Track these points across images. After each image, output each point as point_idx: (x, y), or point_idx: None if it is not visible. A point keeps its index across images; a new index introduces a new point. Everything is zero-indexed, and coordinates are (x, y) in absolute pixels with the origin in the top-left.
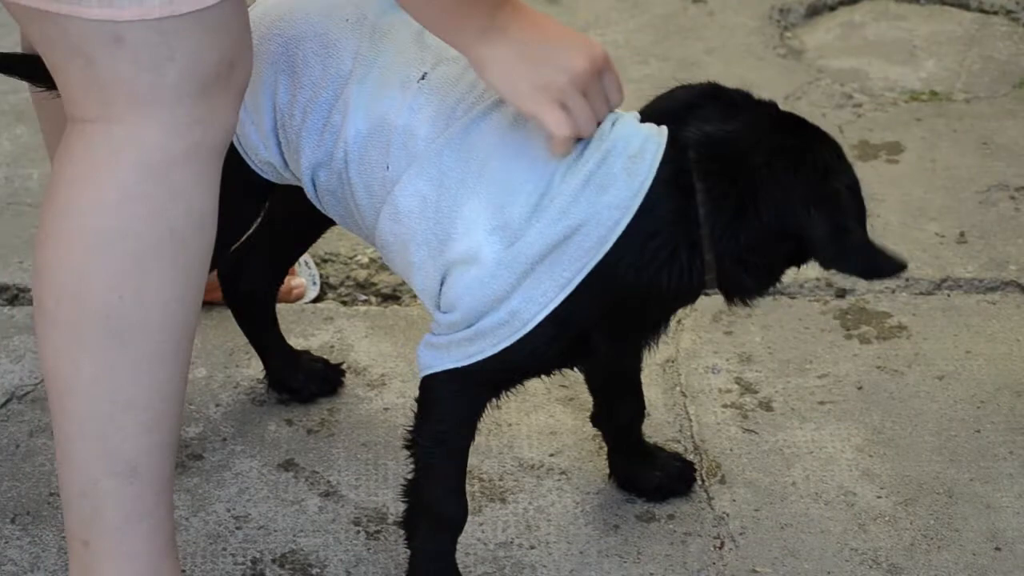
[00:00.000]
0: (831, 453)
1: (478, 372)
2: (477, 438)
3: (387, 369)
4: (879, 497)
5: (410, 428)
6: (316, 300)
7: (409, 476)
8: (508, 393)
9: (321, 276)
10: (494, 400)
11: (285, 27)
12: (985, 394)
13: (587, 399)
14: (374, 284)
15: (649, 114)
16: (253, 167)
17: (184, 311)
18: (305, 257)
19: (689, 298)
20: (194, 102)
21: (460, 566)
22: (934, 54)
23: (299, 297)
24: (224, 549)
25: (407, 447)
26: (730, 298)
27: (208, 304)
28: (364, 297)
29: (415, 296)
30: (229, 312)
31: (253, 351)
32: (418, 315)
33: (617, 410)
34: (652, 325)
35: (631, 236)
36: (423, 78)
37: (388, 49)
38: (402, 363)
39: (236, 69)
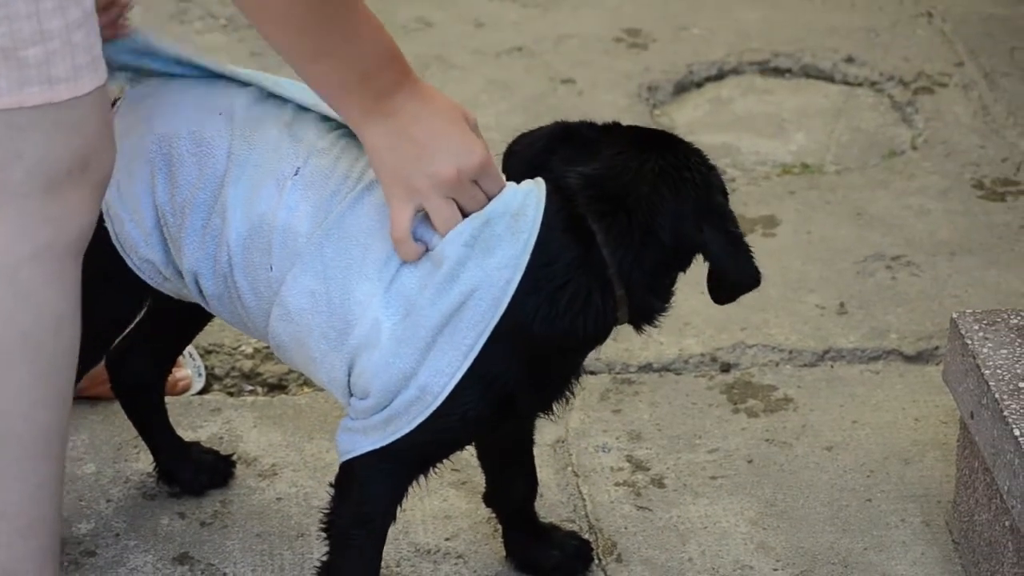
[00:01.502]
0: (725, 528)
1: (404, 450)
2: None
3: (277, 459)
4: (775, 570)
5: (327, 511)
6: (202, 391)
7: (323, 559)
8: (436, 468)
9: (206, 367)
10: (424, 477)
11: (158, 123)
12: (874, 463)
13: (480, 482)
14: (260, 374)
15: (507, 166)
16: (131, 266)
17: (50, 414)
18: (189, 349)
19: (603, 338)
20: (44, 200)
21: None
22: (803, 127)
23: (185, 389)
24: None
25: (323, 529)
26: (638, 326)
27: (95, 399)
28: (250, 387)
29: (302, 385)
30: (116, 406)
31: (142, 445)
32: (306, 404)
33: (510, 488)
34: (570, 372)
35: (539, 291)
36: (296, 173)
37: (260, 145)
38: (292, 452)
39: (92, 166)
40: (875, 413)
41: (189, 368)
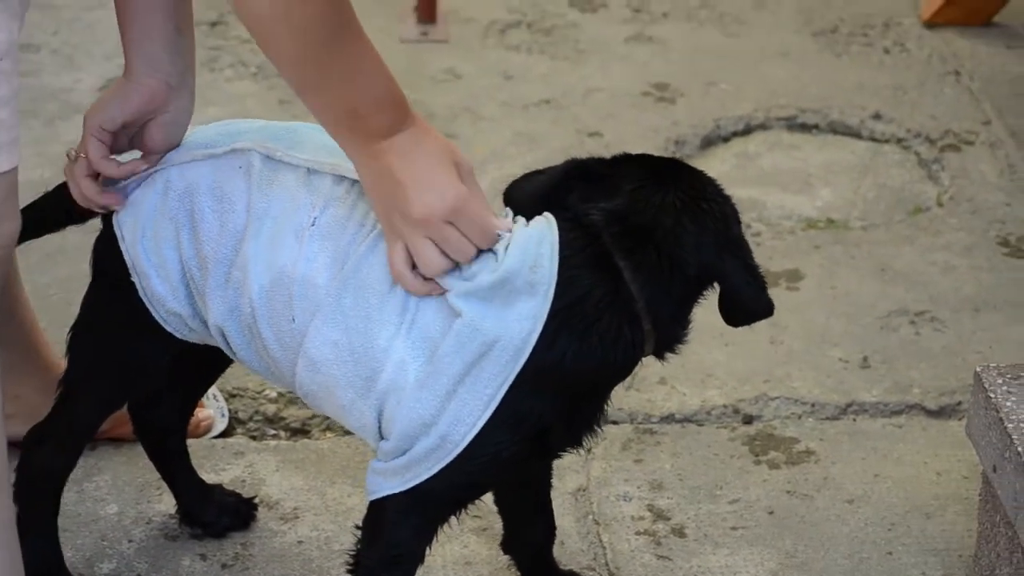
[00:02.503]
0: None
1: (436, 492)
2: None
3: (299, 503)
4: None
5: (354, 551)
6: (224, 433)
7: None
8: (467, 510)
9: (230, 410)
10: (452, 518)
11: (177, 180)
12: (895, 516)
13: (500, 528)
14: (283, 418)
15: (515, 203)
16: (158, 318)
17: None
18: (213, 390)
19: (631, 369)
20: None
21: None
22: (829, 183)
23: (207, 430)
24: None
25: (350, 571)
26: (661, 355)
27: (118, 440)
28: (273, 431)
29: (325, 430)
30: (139, 448)
31: (164, 486)
32: (328, 448)
33: (528, 534)
34: (598, 405)
35: (570, 330)
36: (313, 224)
37: (279, 197)
38: (314, 496)
39: None
40: (897, 467)
41: (212, 409)
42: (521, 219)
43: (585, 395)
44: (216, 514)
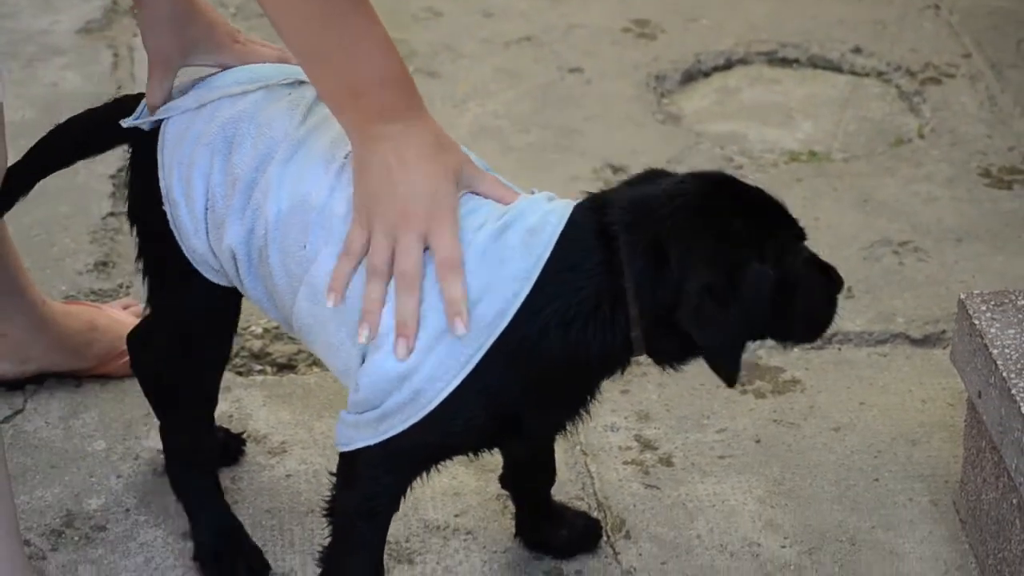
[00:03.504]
0: (733, 505)
1: (407, 448)
2: None
3: (287, 436)
4: (783, 547)
5: (328, 498)
6: None
7: (325, 542)
8: (438, 467)
9: None
10: (424, 474)
11: (227, 108)
12: (881, 444)
13: (489, 460)
14: (269, 354)
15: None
16: (185, 251)
17: None
18: None
19: (616, 362)
20: None
21: None
22: (810, 116)
23: None
24: None
25: (326, 515)
26: (659, 361)
27: (104, 377)
28: (260, 367)
29: (311, 365)
30: (127, 385)
31: (152, 422)
32: (315, 383)
33: (528, 476)
34: (582, 395)
35: (550, 302)
36: (346, 157)
37: (319, 129)
38: (301, 430)
39: None
40: (882, 395)
41: None
42: (539, 193)
43: (564, 382)
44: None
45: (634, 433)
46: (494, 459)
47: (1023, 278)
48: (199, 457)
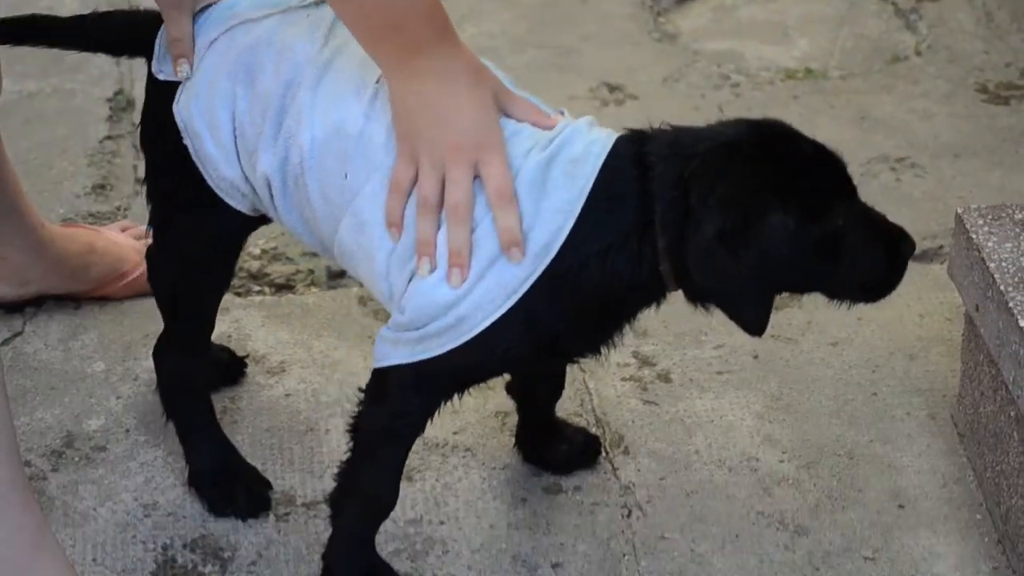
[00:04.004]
0: (732, 421)
1: (439, 371)
2: None
3: (285, 356)
4: (781, 461)
5: (355, 414)
6: None
7: (345, 456)
8: (471, 390)
9: None
10: (456, 396)
11: (241, 34)
12: (879, 358)
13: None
14: (267, 275)
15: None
16: (210, 183)
17: None
18: None
19: (649, 295)
20: None
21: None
22: (807, 34)
23: None
24: (134, 537)
25: (350, 431)
26: (691, 299)
27: (103, 299)
28: (258, 287)
29: (309, 284)
30: (125, 306)
31: (150, 344)
32: (313, 303)
33: (537, 388)
34: (615, 327)
35: (596, 233)
36: (378, 82)
37: (344, 52)
38: (300, 350)
39: None
40: (880, 310)
41: None
42: (581, 119)
43: (602, 310)
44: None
45: (632, 350)
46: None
47: (1020, 192)
48: (195, 381)
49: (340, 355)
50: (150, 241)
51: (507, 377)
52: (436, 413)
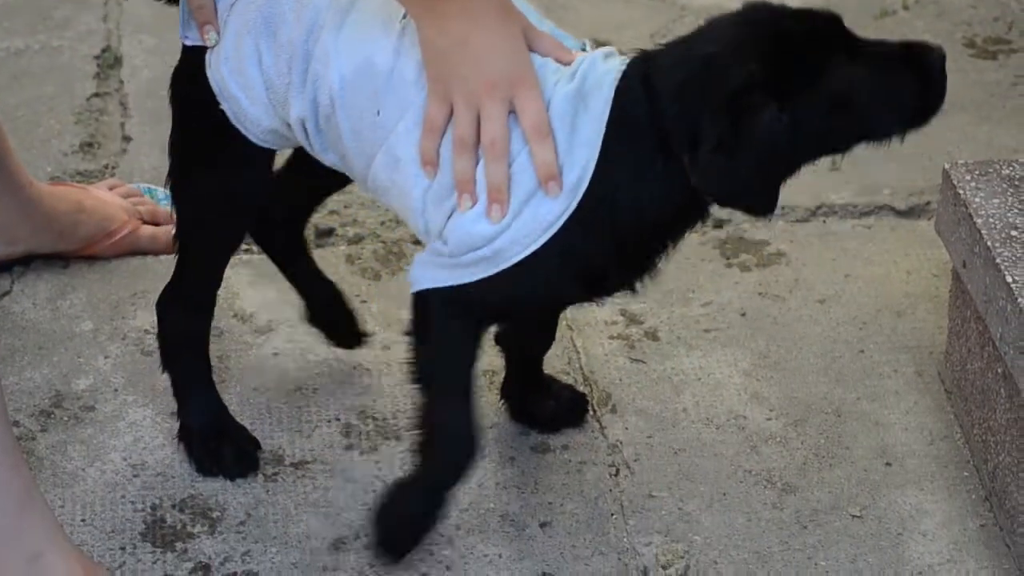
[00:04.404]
0: (719, 379)
1: (477, 296)
2: (367, 378)
3: (273, 315)
4: (769, 419)
5: (410, 360)
6: None
7: (419, 406)
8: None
9: None
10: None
11: None
12: (866, 316)
13: None
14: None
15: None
16: (256, 141)
17: None
18: None
19: (688, 212)
20: None
21: (359, 505)
22: None
23: None
24: (123, 497)
25: (412, 379)
26: (722, 201)
27: (91, 258)
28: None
29: None
30: (113, 265)
31: (139, 302)
32: None
33: (528, 338)
34: (655, 256)
35: (619, 155)
36: (404, 18)
37: None
38: (288, 309)
39: None
40: (867, 267)
41: None
42: (597, 50)
43: (642, 242)
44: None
45: (619, 307)
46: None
47: (1008, 148)
48: (198, 337)
49: None
50: (141, 200)
51: (496, 329)
52: (481, 340)
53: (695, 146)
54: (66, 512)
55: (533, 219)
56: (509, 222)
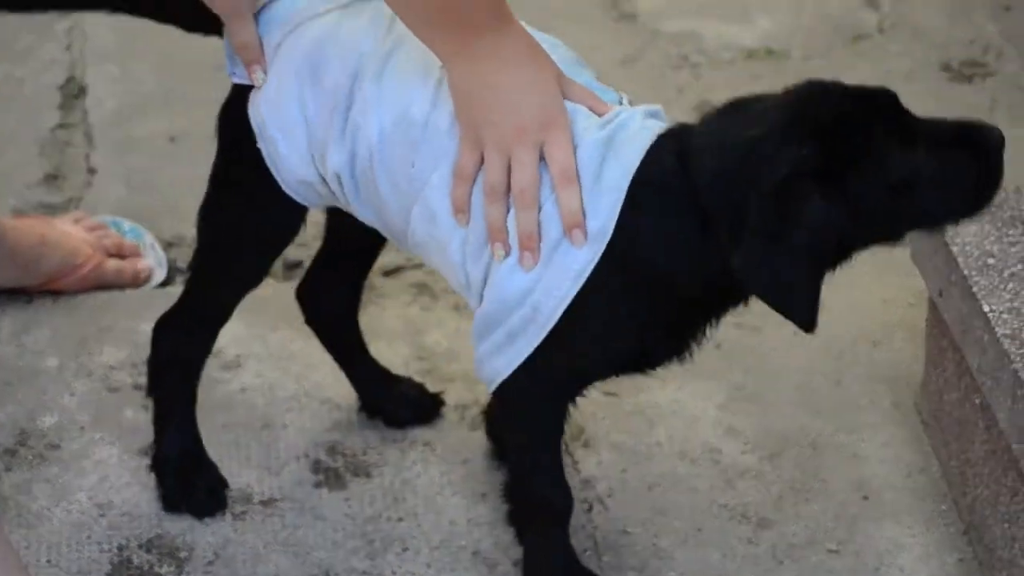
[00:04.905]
0: (694, 412)
1: (543, 374)
2: (336, 414)
3: (241, 350)
4: (744, 453)
5: (490, 431)
6: (165, 284)
7: (507, 477)
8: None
9: (169, 260)
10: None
11: (305, 32)
12: (843, 346)
13: (447, 371)
14: None
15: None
16: (284, 187)
17: None
18: (150, 239)
19: (726, 290)
20: None
21: (328, 543)
22: (767, 12)
23: (147, 280)
24: (89, 537)
25: (494, 456)
26: (784, 310)
27: (56, 293)
28: None
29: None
30: (78, 300)
31: (105, 338)
32: (270, 295)
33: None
34: (693, 324)
35: (647, 211)
36: (443, 68)
37: (406, 41)
38: (256, 344)
39: None
40: (843, 296)
41: (150, 258)
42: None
43: (680, 308)
44: (396, 404)
45: None
46: (444, 367)
47: None
48: (193, 366)
49: (297, 348)
50: (107, 233)
51: (449, 378)
52: (568, 413)
53: (738, 227)
54: (31, 553)
55: (562, 268)
56: (541, 272)
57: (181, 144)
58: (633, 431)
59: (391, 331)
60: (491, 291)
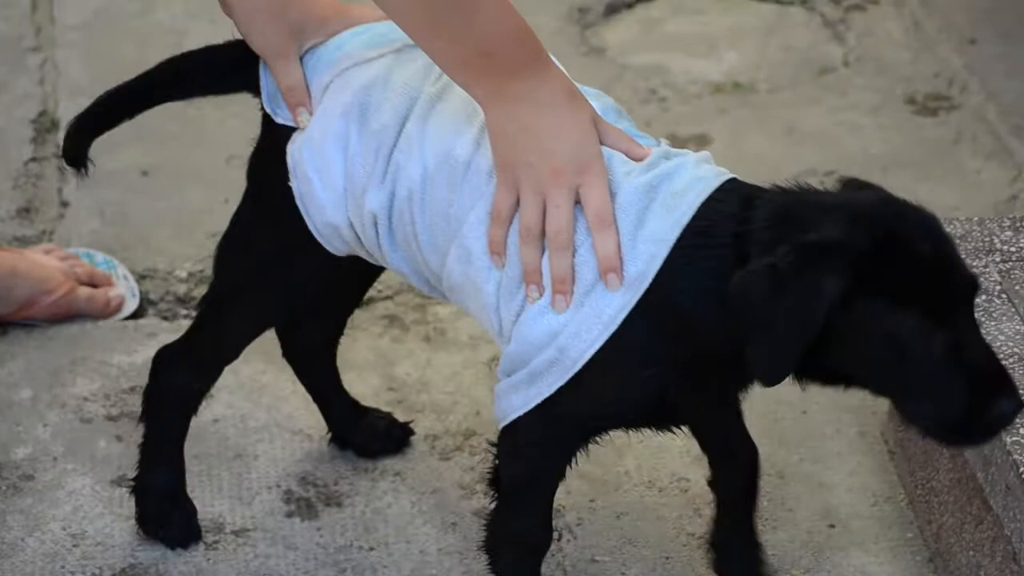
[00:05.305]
0: (661, 441)
1: (558, 417)
2: (308, 444)
3: None
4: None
5: (492, 468)
6: (136, 315)
7: (493, 509)
8: (603, 437)
9: (141, 291)
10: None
11: (356, 75)
12: None
13: (416, 401)
14: (194, 298)
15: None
16: (311, 228)
17: None
18: (123, 270)
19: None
20: None
21: (299, 572)
22: (734, 46)
23: (117, 309)
24: (62, 567)
25: (490, 484)
26: (751, 351)
27: (29, 325)
28: (185, 311)
29: None
30: (52, 332)
31: (78, 369)
32: None
33: (732, 470)
34: (732, 380)
35: (692, 263)
36: None
37: (454, 85)
38: (227, 375)
39: None
40: None
41: (122, 288)
42: (692, 154)
43: (711, 359)
44: (368, 436)
45: None
46: (414, 398)
47: (950, 206)
48: (191, 401)
49: (268, 379)
50: (78, 263)
51: (420, 409)
52: (573, 462)
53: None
54: None
55: (594, 313)
56: (571, 315)
57: (153, 178)
58: (601, 461)
59: (362, 362)
60: (518, 331)
